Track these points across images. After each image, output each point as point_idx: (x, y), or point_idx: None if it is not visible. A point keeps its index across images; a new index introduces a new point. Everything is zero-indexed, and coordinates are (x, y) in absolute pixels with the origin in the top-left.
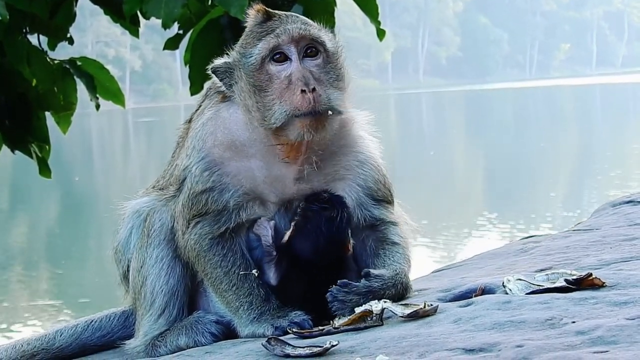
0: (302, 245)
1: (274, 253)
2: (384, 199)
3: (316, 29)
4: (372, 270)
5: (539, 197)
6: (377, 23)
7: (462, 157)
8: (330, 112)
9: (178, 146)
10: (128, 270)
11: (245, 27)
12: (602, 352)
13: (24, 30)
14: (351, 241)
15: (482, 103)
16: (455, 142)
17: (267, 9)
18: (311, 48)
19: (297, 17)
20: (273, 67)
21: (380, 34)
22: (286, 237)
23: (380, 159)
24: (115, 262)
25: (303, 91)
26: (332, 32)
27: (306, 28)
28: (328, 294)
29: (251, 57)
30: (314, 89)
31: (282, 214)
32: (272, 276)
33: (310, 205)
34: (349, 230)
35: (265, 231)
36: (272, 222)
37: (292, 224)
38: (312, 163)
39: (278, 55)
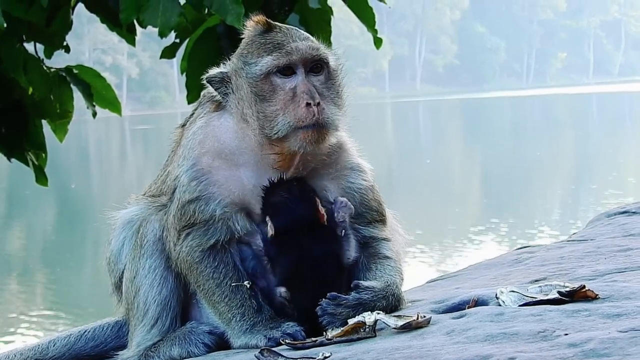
0: (278, 220)
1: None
2: (377, 220)
3: (323, 48)
4: (362, 282)
5: (534, 207)
6: (374, 31)
7: (459, 166)
8: (332, 127)
9: (172, 151)
10: (120, 281)
11: (242, 36)
12: None
13: (21, 38)
14: (322, 209)
15: (478, 111)
16: (451, 151)
17: (268, 20)
18: (316, 64)
19: (301, 32)
20: (278, 79)
21: (377, 42)
22: (270, 230)
23: (373, 180)
24: (108, 272)
25: (308, 104)
26: (331, 46)
27: (316, 47)
28: (318, 307)
29: (256, 66)
30: (319, 103)
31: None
32: (273, 277)
33: (268, 193)
34: (317, 199)
35: (254, 237)
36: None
37: (267, 218)
38: (302, 174)
39: (285, 69)
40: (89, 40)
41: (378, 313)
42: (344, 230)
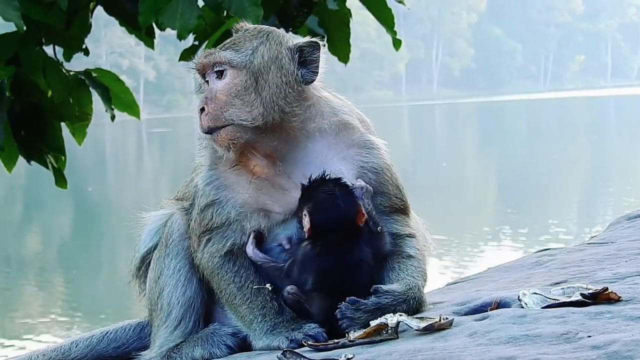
0: (320, 220)
1: (280, 265)
2: (398, 209)
3: (216, 54)
4: (381, 286)
5: (553, 210)
6: (393, 33)
7: (475, 169)
8: (232, 125)
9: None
10: (138, 268)
11: None
12: None
13: (40, 41)
14: (363, 210)
15: (495, 114)
16: (468, 154)
17: (237, 27)
18: (216, 70)
19: (234, 36)
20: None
21: (397, 43)
22: (306, 225)
23: (389, 159)
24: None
25: (199, 111)
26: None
27: (206, 54)
28: (337, 311)
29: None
30: (202, 110)
31: (287, 224)
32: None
33: (309, 188)
34: (356, 199)
35: (255, 256)
36: (253, 243)
37: (304, 212)
38: (281, 171)
39: (204, 78)
40: (106, 44)
41: (400, 315)
42: (378, 227)
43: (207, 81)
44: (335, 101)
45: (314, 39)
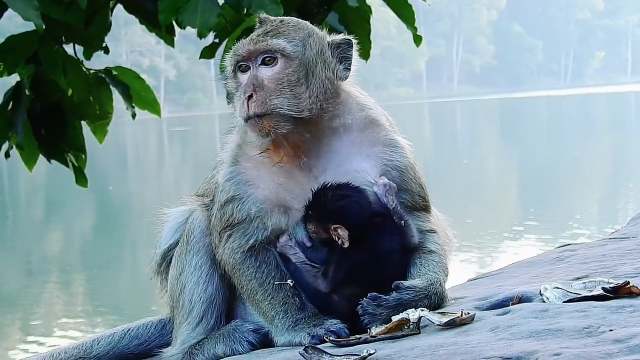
0: (353, 223)
1: (316, 265)
2: (420, 207)
3: (269, 41)
4: (403, 283)
5: (574, 206)
6: (414, 29)
7: (496, 166)
8: (277, 115)
9: None
10: (159, 265)
11: None
12: None
13: (60, 40)
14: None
15: (516, 112)
16: (489, 151)
17: (263, 18)
18: (268, 57)
19: (271, 25)
20: (240, 75)
21: (417, 40)
22: (344, 236)
23: (413, 159)
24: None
25: (247, 97)
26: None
27: (257, 41)
28: (359, 307)
29: (228, 66)
30: (250, 96)
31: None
32: (324, 284)
33: (315, 208)
34: (357, 188)
35: (292, 250)
36: (293, 239)
37: (332, 229)
38: (305, 164)
39: (243, 65)
40: (127, 43)
41: (422, 310)
42: (403, 221)
43: (243, 69)
44: (362, 98)
45: (348, 37)
